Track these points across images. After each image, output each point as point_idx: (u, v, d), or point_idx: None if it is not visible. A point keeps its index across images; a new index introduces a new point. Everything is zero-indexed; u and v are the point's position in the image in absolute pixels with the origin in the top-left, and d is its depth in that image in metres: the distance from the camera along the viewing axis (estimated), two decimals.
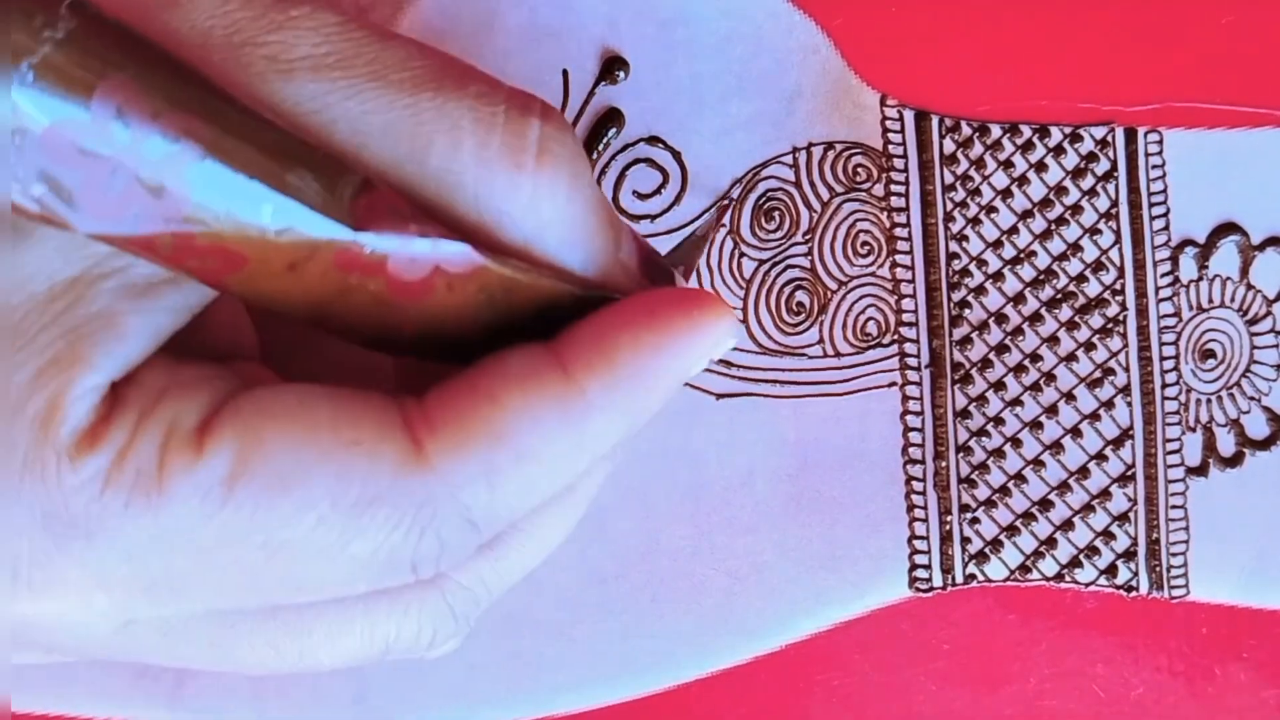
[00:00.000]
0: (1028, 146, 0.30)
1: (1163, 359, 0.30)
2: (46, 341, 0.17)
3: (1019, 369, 0.30)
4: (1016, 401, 0.30)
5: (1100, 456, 0.30)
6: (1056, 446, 0.30)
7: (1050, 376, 0.30)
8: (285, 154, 0.16)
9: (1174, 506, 0.30)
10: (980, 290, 0.30)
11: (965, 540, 0.29)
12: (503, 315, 0.18)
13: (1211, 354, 0.30)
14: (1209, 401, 0.30)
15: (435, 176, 0.17)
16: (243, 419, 0.17)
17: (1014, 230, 0.30)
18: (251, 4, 0.17)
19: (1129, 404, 0.30)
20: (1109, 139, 0.30)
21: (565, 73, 0.28)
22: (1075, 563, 0.30)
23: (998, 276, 0.30)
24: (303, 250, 0.16)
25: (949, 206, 0.30)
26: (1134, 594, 0.30)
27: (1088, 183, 0.30)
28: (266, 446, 0.17)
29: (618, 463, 0.22)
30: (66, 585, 0.17)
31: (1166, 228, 0.30)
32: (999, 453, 0.30)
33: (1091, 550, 0.30)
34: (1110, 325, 0.30)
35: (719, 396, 0.29)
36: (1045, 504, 0.30)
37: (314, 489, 0.17)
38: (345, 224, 0.16)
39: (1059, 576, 0.30)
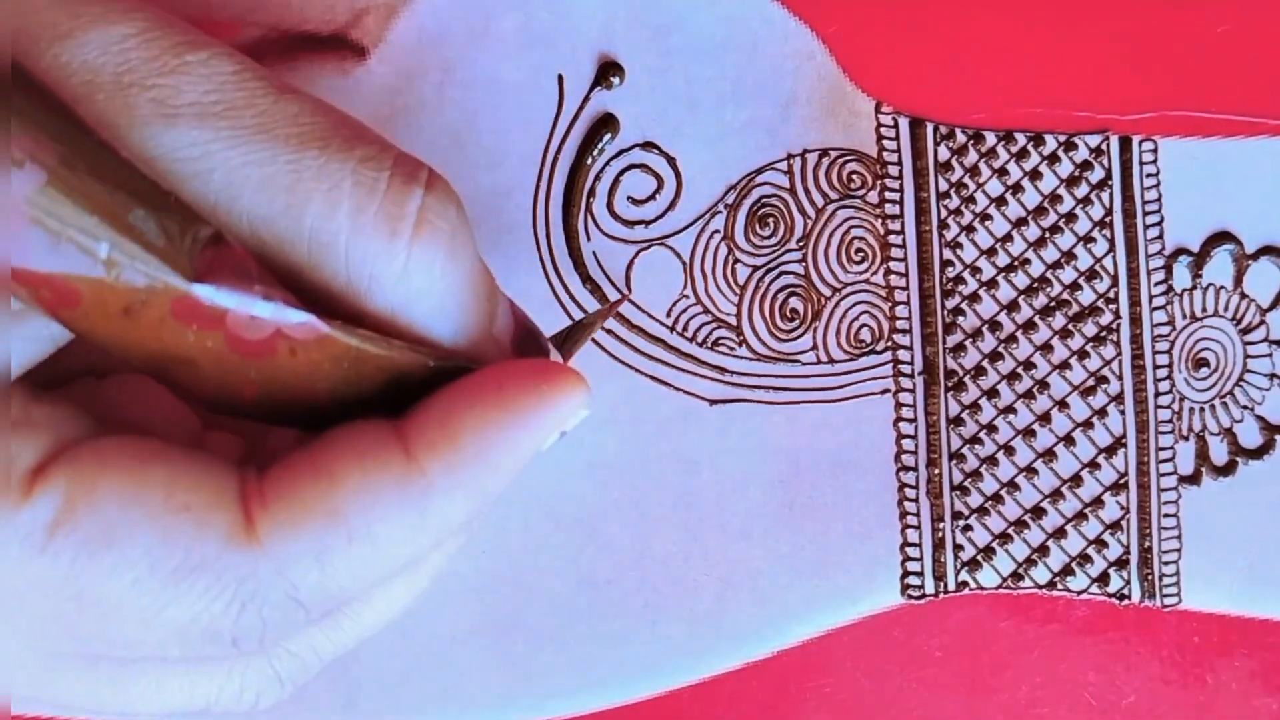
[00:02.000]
0: (1022, 154, 0.30)
1: (1156, 367, 0.30)
2: None
3: (1012, 376, 0.30)
4: (1009, 409, 0.30)
5: (1093, 464, 0.30)
6: (1049, 454, 0.30)
7: (1044, 384, 0.30)
8: (132, 193, 0.16)
9: (1166, 515, 0.30)
10: (974, 297, 0.30)
11: (958, 547, 0.29)
12: (352, 383, 0.18)
13: (1205, 363, 0.30)
14: (1202, 410, 0.30)
15: (309, 235, 0.17)
16: (78, 467, 0.17)
17: (1008, 238, 0.30)
18: (148, 44, 0.17)
19: (1122, 412, 0.30)
20: (1104, 147, 0.30)
21: (560, 78, 0.28)
22: (1067, 570, 0.30)
23: (991, 284, 0.30)
24: (139, 295, 0.16)
25: (943, 214, 0.30)
26: (1126, 602, 0.30)
27: (1082, 190, 0.30)
28: (94, 498, 0.17)
29: (473, 536, 0.21)
30: None
31: (1160, 236, 0.30)
32: (992, 460, 0.30)
33: (1084, 558, 0.30)
34: (1104, 333, 0.30)
35: (712, 403, 0.29)
36: (1038, 511, 0.30)
37: (135, 549, 0.17)
38: (183, 273, 0.16)
39: (1051, 584, 0.30)
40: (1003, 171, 0.30)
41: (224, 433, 0.21)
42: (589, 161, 0.28)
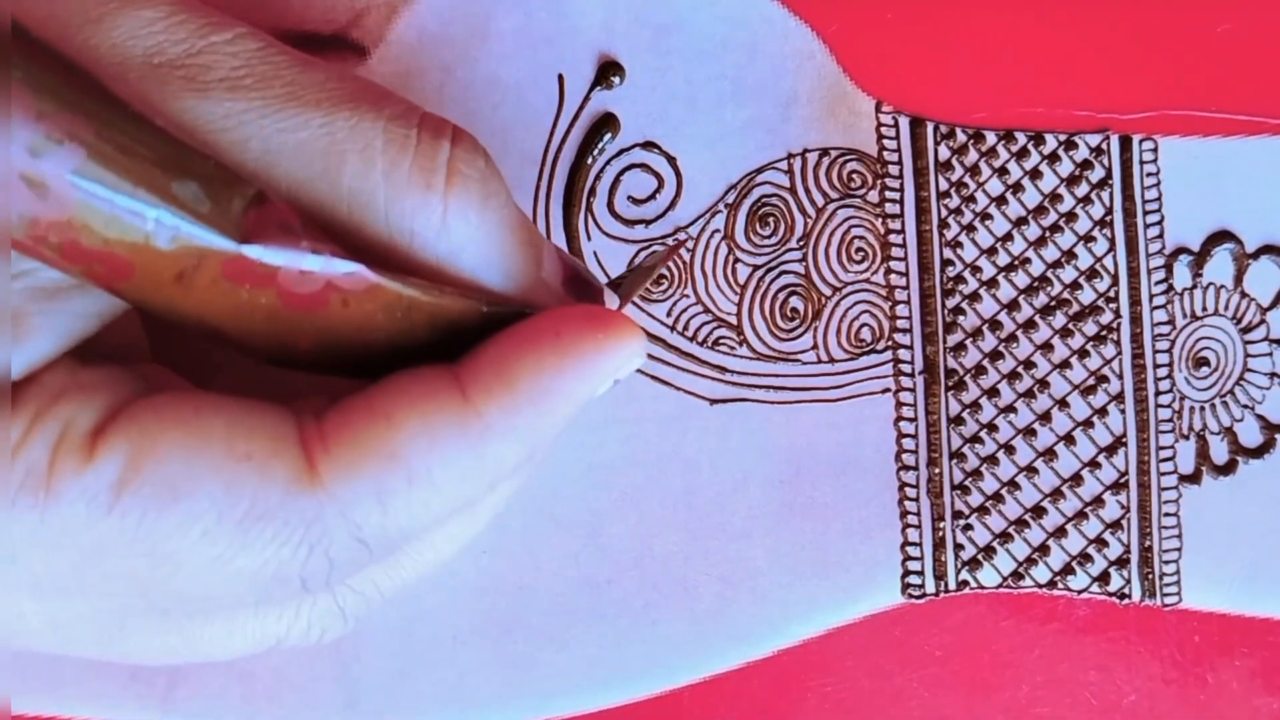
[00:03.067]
0: (1023, 153, 0.30)
1: (1156, 366, 0.30)
2: None
3: (1013, 376, 0.30)
4: (1010, 408, 0.30)
5: (1093, 464, 0.30)
6: (1050, 453, 0.30)
7: (1044, 383, 0.30)
8: (172, 163, 0.16)
9: (1167, 514, 0.30)
10: (974, 297, 0.30)
11: (958, 547, 0.29)
12: (406, 333, 0.18)
13: (1205, 362, 0.30)
14: (1202, 409, 0.30)
15: (347, 196, 0.18)
16: (137, 426, 0.17)
17: (1008, 237, 0.30)
18: (175, 26, 0.17)
19: (1122, 411, 0.30)
20: (1104, 146, 0.30)
21: (561, 77, 0.28)
22: (1068, 570, 0.30)
23: (992, 283, 0.30)
24: (189, 260, 0.16)
25: (944, 213, 0.30)
26: (1127, 601, 0.30)
27: (1082, 190, 0.30)
28: (158, 455, 0.17)
29: (528, 478, 0.22)
30: None
31: (1161, 235, 0.30)
32: (992, 459, 0.30)
33: (1084, 557, 0.30)
34: (1104, 332, 0.30)
35: (713, 402, 0.29)
36: (1038, 511, 0.30)
37: (201, 501, 0.17)
38: (230, 235, 0.16)
39: (1052, 583, 0.30)
40: (1003, 170, 0.30)
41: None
42: (589, 161, 0.28)
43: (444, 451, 0.18)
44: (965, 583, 0.29)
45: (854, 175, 0.29)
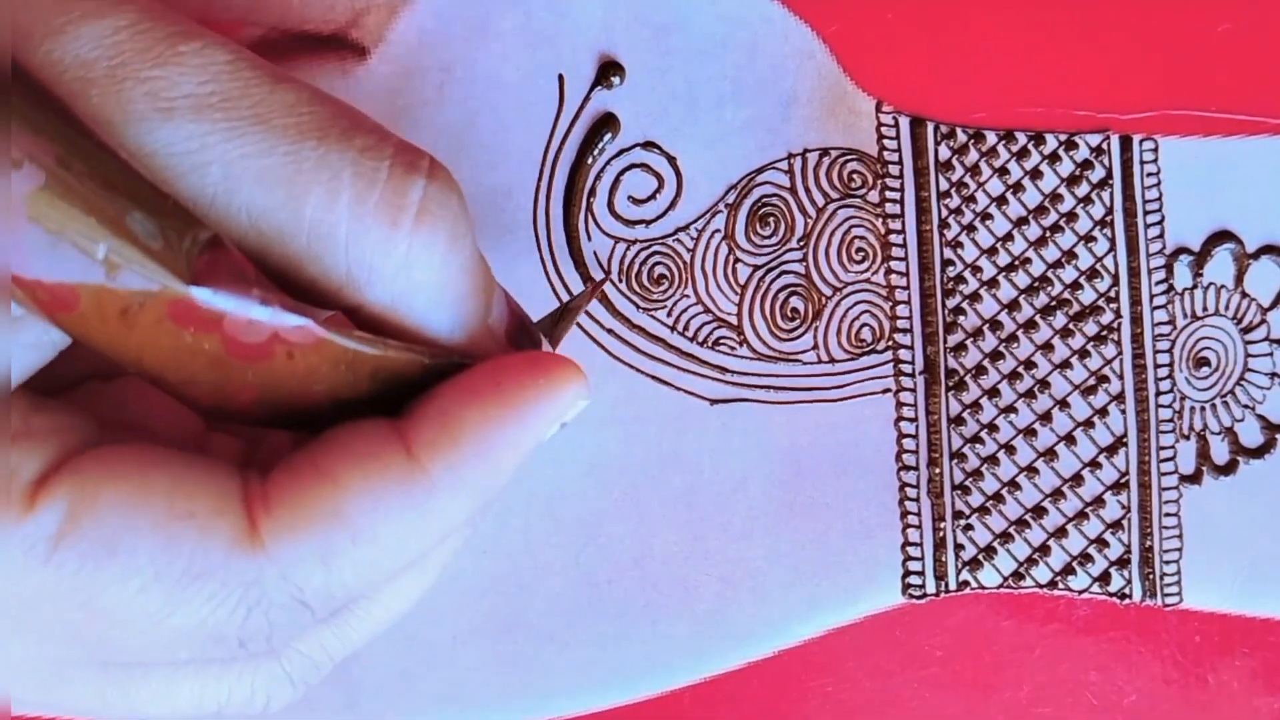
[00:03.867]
0: (1023, 153, 0.30)
1: (1157, 366, 0.30)
2: None
3: (1013, 376, 0.30)
4: (1010, 408, 0.30)
5: (1094, 464, 0.30)
6: (1050, 453, 0.30)
7: (1044, 383, 0.30)
8: (130, 195, 0.16)
9: (1168, 514, 0.30)
10: (975, 297, 0.30)
11: (959, 547, 0.29)
12: (349, 384, 0.18)
13: (1205, 362, 0.30)
14: (1203, 409, 0.30)
15: (308, 227, 0.17)
16: (81, 477, 0.17)
17: (1009, 237, 0.30)
18: (140, 35, 0.17)
19: (1123, 411, 0.30)
20: (1104, 146, 0.30)
21: (561, 77, 0.28)
22: (1069, 570, 0.30)
23: (992, 283, 0.30)
24: (135, 298, 0.16)
25: (944, 213, 0.30)
26: (1127, 601, 0.30)
27: (1083, 190, 0.30)
28: (97, 509, 0.17)
29: (478, 530, 0.21)
30: None
31: (1161, 235, 0.30)
32: (993, 459, 0.30)
33: (1085, 557, 0.30)
34: (1105, 332, 0.30)
35: (713, 402, 0.29)
36: (1039, 511, 0.30)
37: (139, 557, 0.17)
38: (180, 276, 0.16)
39: (1052, 584, 0.30)
40: (1003, 170, 0.30)
41: (225, 434, 0.21)
42: (589, 161, 0.28)
43: (389, 510, 0.18)
44: (966, 583, 0.29)
45: (854, 175, 0.29)
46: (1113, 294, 0.30)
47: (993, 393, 0.30)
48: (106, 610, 0.17)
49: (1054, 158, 0.30)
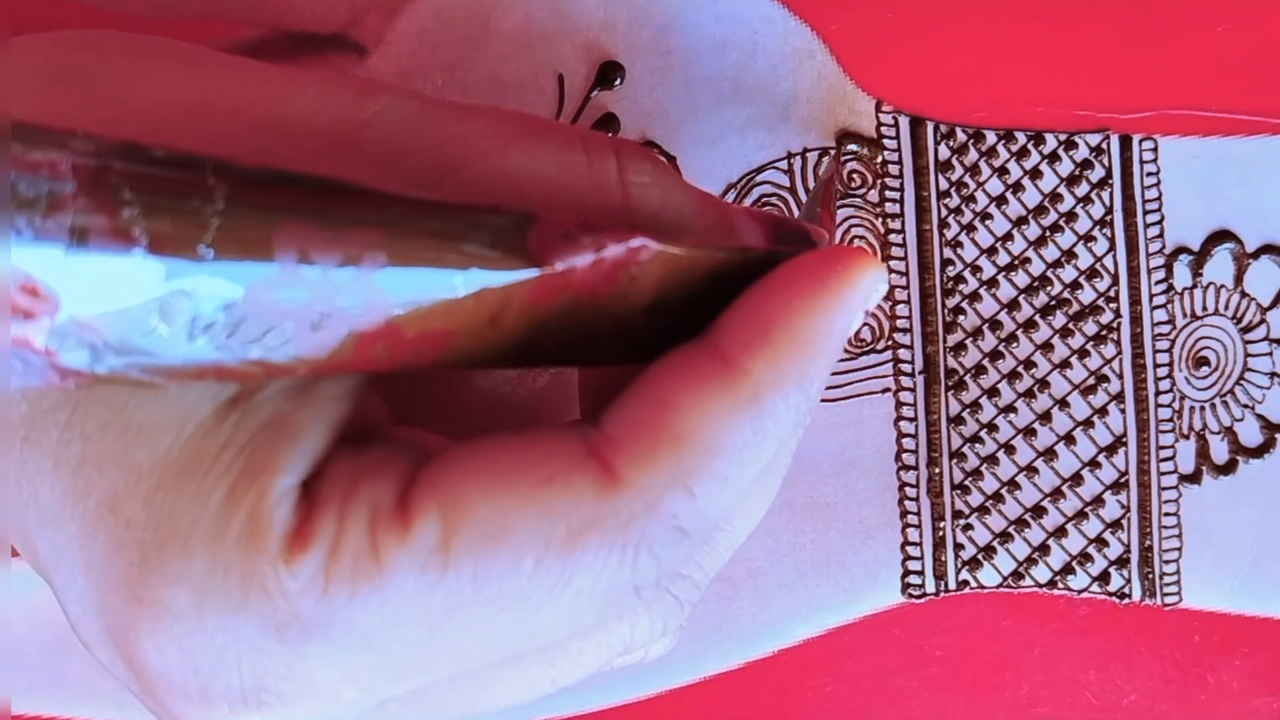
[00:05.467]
0: (1023, 153, 0.30)
1: (1156, 366, 0.30)
2: (229, 460, 0.17)
3: (1013, 375, 0.30)
4: (1010, 408, 0.30)
5: (1093, 463, 0.30)
6: (1050, 453, 0.30)
7: (1044, 383, 0.30)
8: (453, 231, 0.17)
9: (1167, 514, 0.30)
10: (974, 296, 0.30)
11: (958, 546, 0.29)
12: (673, 301, 0.19)
13: (1205, 361, 0.30)
14: (1202, 409, 0.30)
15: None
16: (437, 485, 0.17)
17: (1008, 237, 0.30)
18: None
19: (1122, 411, 0.30)
20: (1104, 146, 0.30)
21: (560, 78, 0.28)
22: (1068, 569, 0.30)
23: (992, 283, 0.30)
24: (499, 303, 0.17)
25: (943, 213, 0.30)
26: (1127, 601, 0.30)
27: (1082, 189, 0.30)
28: (467, 505, 0.17)
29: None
30: (315, 688, 0.17)
31: (1161, 235, 0.30)
32: (992, 459, 0.30)
33: (1084, 557, 0.30)
34: (1104, 332, 0.30)
35: None
36: (1038, 510, 0.30)
37: (522, 534, 0.17)
38: (527, 266, 0.17)
39: (1052, 583, 0.30)
40: (1003, 170, 0.30)
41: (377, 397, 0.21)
42: None
43: (727, 419, 0.18)
44: (965, 582, 0.29)
45: (854, 175, 0.29)
46: (1112, 294, 0.30)
47: (992, 392, 0.30)
48: (513, 597, 0.17)
49: (1053, 157, 0.30)
